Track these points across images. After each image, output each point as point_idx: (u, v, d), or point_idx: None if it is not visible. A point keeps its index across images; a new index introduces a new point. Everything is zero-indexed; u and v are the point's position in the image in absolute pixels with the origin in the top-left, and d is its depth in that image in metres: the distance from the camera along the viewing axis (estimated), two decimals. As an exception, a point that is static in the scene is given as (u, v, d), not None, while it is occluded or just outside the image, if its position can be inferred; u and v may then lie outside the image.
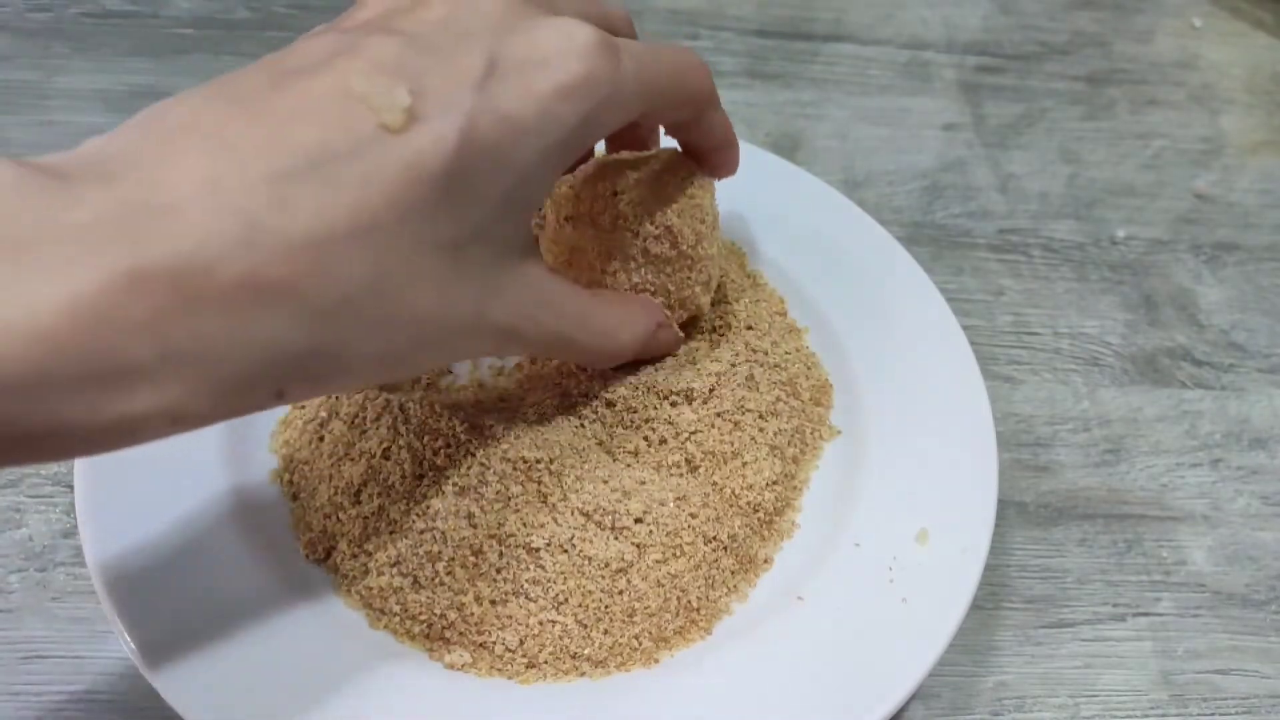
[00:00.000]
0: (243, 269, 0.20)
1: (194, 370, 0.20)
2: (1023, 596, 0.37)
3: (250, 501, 0.33)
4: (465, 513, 0.32)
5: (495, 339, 0.27)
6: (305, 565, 0.32)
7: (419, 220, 0.23)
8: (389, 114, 0.22)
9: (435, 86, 0.23)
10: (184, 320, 0.20)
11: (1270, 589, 0.38)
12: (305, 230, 0.21)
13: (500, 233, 0.26)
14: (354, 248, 0.22)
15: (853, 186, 0.51)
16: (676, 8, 0.60)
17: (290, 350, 0.22)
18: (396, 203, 0.22)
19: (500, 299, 0.27)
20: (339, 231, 0.21)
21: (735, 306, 0.39)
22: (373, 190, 0.22)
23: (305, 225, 0.21)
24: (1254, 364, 0.46)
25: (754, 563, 0.34)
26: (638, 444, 0.34)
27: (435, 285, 0.24)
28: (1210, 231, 0.52)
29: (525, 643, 0.30)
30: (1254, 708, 0.35)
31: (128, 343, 0.19)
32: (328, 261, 0.21)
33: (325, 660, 0.29)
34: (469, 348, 0.28)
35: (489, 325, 0.27)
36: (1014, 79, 0.59)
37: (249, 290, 0.20)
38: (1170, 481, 0.41)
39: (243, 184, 0.21)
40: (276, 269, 0.21)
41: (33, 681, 0.32)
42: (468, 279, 0.25)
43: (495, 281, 0.26)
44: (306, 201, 0.21)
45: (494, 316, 0.27)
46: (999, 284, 0.48)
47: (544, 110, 0.24)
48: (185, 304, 0.20)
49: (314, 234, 0.21)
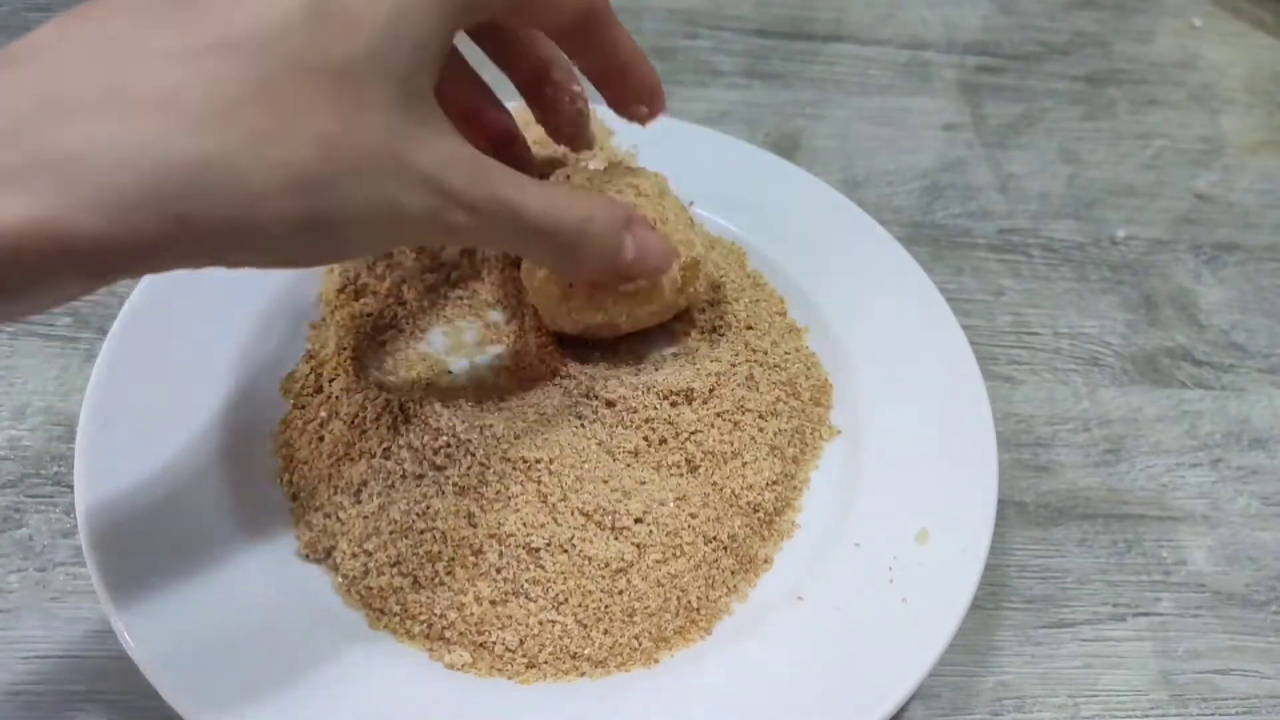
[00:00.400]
0: (107, 82, 0.21)
1: (67, 176, 0.20)
2: (1023, 596, 0.37)
3: (250, 501, 0.33)
4: (465, 513, 0.32)
5: (425, 192, 0.26)
6: (305, 565, 0.32)
7: (292, 40, 0.23)
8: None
9: None
10: (50, 129, 0.20)
11: (1270, 589, 0.38)
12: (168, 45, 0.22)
13: (395, 67, 0.25)
14: (222, 60, 0.22)
15: (853, 186, 0.51)
16: (675, 7, 0.60)
17: (179, 158, 0.21)
18: (262, 23, 0.23)
19: (416, 142, 0.26)
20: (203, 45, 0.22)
21: (735, 306, 0.39)
22: (236, 14, 0.22)
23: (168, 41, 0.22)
24: (1254, 364, 0.46)
25: (754, 563, 0.34)
26: (638, 444, 0.34)
27: (332, 106, 0.24)
28: (1210, 231, 0.52)
29: (525, 643, 0.30)
30: (1254, 708, 0.35)
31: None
32: (196, 72, 0.22)
33: (325, 660, 0.29)
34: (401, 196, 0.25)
35: (412, 171, 0.25)
36: (1014, 79, 0.59)
37: (115, 100, 0.21)
38: (1170, 481, 0.41)
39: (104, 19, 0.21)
40: (144, 79, 0.21)
41: (33, 681, 0.32)
42: (370, 109, 0.24)
43: (404, 121, 0.25)
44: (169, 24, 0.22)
45: (414, 161, 0.25)
46: (999, 284, 0.48)
47: None
48: (49, 115, 0.20)
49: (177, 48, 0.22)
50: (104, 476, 0.31)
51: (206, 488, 0.32)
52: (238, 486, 0.33)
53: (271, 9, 0.23)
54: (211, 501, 0.32)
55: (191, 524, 0.31)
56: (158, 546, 0.30)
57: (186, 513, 0.31)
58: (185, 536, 0.31)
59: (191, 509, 0.32)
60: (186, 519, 0.31)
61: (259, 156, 0.22)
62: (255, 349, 0.36)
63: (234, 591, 0.30)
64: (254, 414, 0.35)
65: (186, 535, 0.31)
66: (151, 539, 0.30)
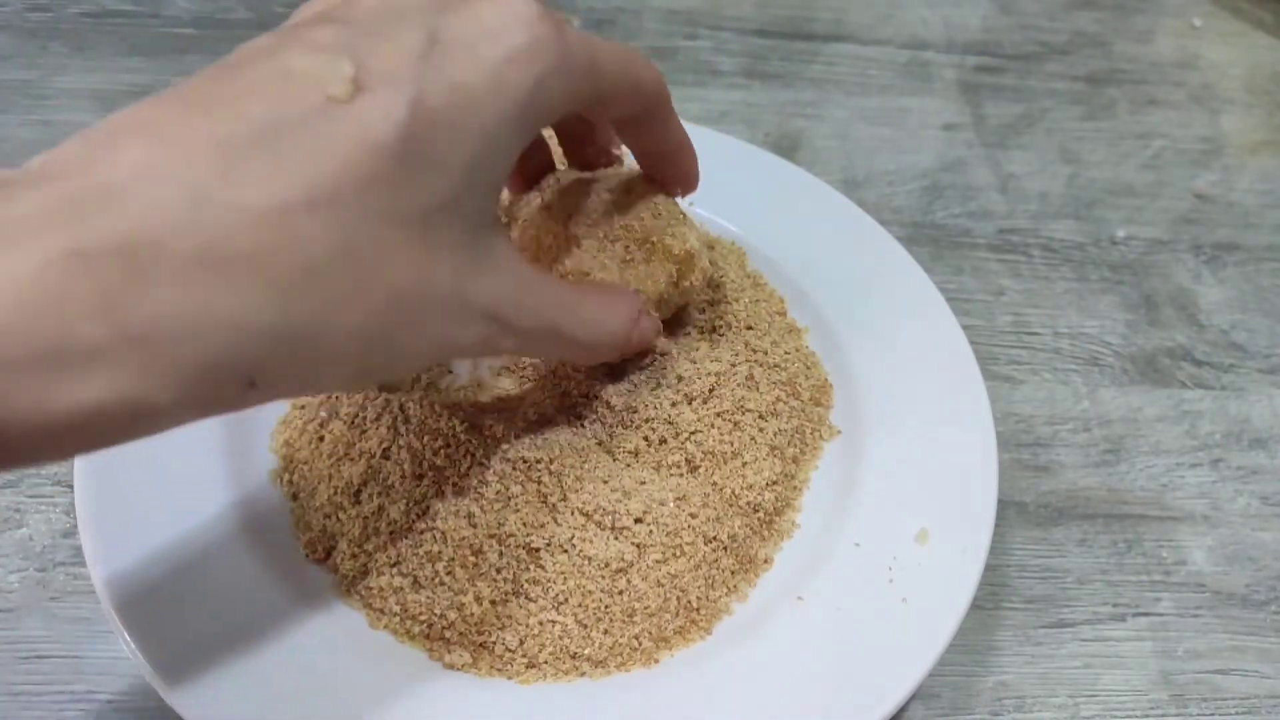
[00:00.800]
0: (196, 241, 0.20)
1: (152, 352, 0.19)
2: (1023, 596, 0.37)
3: (250, 501, 0.33)
4: (465, 513, 0.32)
5: (481, 324, 0.27)
6: (305, 565, 0.32)
7: (379, 191, 0.22)
8: (335, 85, 0.22)
9: (379, 62, 0.23)
10: (137, 298, 0.19)
11: (1270, 589, 0.38)
12: (258, 200, 0.20)
13: (469, 206, 0.25)
14: (313, 218, 0.21)
15: (853, 186, 0.51)
16: (675, 7, 0.60)
17: (256, 328, 0.21)
18: (352, 172, 0.22)
19: (479, 279, 0.26)
20: (294, 201, 0.21)
21: (735, 306, 0.39)
22: (326, 159, 0.21)
23: (258, 195, 0.20)
24: (1254, 364, 0.46)
25: (754, 563, 0.34)
26: (638, 444, 0.34)
27: (407, 257, 0.24)
28: (1210, 231, 0.52)
29: (525, 643, 0.30)
30: (1254, 708, 0.35)
31: (76, 323, 0.18)
32: (286, 232, 0.21)
33: (325, 660, 0.29)
34: (455, 335, 0.26)
35: (473, 307, 0.26)
36: (1014, 79, 0.59)
37: (204, 263, 0.20)
38: (1170, 481, 0.41)
39: (187, 160, 0.20)
40: (232, 240, 0.20)
41: (33, 681, 0.32)
42: (443, 255, 0.25)
43: (471, 258, 0.26)
44: (257, 172, 0.21)
45: (476, 297, 0.26)
46: (999, 284, 0.48)
47: (495, 75, 0.24)
48: (136, 281, 0.19)
49: (268, 204, 0.21)
50: (104, 477, 0.31)
51: (206, 487, 0.32)
52: (238, 486, 0.33)
53: (361, 157, 0.22)
54: (211, 501, 0.32)
55: (191, 524, 0.31)
56: (158, 546, 0.30)
57: (186, 513, 0.31)
58: (185, 536, 0.31)
59: (191, 509, 0.32)
60: (186, 519, 0.31)
61: (333, 321, 0.22)
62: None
63: (233, 591, 0.30)
64: (254, 414, 0.35)
65: (186, 535, 0.31)
66: (151, 539, 0.30)
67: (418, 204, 0.23)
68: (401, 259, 0.23)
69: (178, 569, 0.30)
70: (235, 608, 0.30)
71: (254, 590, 0.30)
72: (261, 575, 0.31)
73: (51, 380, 0.18)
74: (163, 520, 0.31)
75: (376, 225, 0.22)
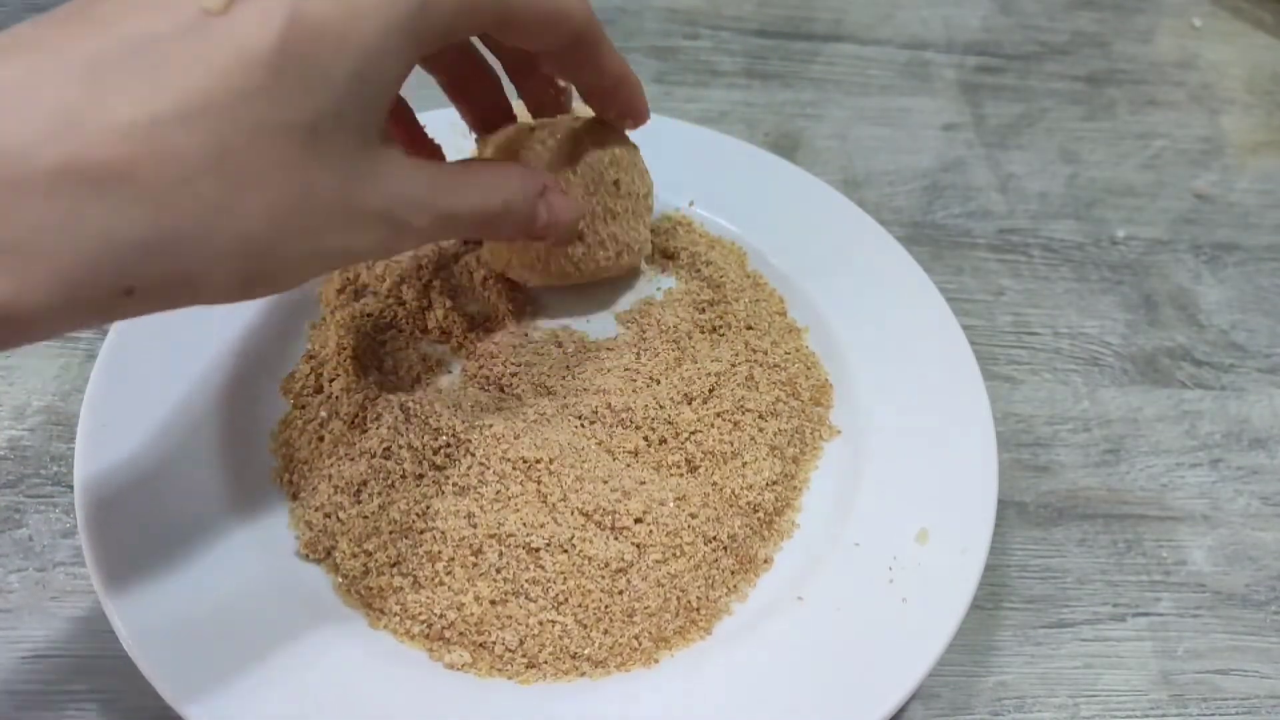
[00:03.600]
0: (62, 153, 0.20)
1: (22, 259, 0.20)
2: (1023, 596, 0.37)
3: (250, 502, 0.33)
4: (465, 513, 0.32)
5: (374, 227, 0.27)
6: (305, 565, 0.32)
7: (255, 102, 0.22)
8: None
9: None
10: (5, 208, 0.20)
11: (1270, 589, 0.38)
12: (130, 113, 0.21)
13: (355, 118, 0.25)
14: (187, 128, 0.21)
15: (853, 186, 0.51)
16: (675, 7, 0.60)
17: (129, 236, 0.21)
18: (225, 83, 0.22)
19: (369, 184, 0.26)
20: (164, 113, 0.21)
21: (735, 306, 0.39)
22: (200, 71, 0.22)
23: (129, 109, 0.21)
24: (1254, 364, 0.46)
25: (754, 563, 0.34)
26: (638, 444, 0.34)
27: (288, 168, 0.24)
28: (1210, 231, 0.52)
29: (525, 643, 0.30)
30: (1254, 708, 0.35)
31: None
32: (156, 143, 0.21)
33: (325, 660, 0.29)
34: (350, 240, 0.26)
35: (364, 212, 0.26)
36: (1014, 79, 0.59)
37: (72, 175, 0.20)
38: (1170, 481, 0.41)
39: (59, 76, 0.21)
40: (100, 152, 0.20)
41: (33, 681, 0.32)
42: (328, 164, 0.25)
43: (358, 168, 0.26)
44: (131, 86, 0.21)
45: (366, 202, 0.26)
46: (999, 284, 0.48)
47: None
48: (5, 193, 0.20)
49: (137, 117, 0.21)
50: (104, 476, 0.31)
51: (206, 487, 0.32)
52: (238, 486, 0.33)
53: (235, 68, 0.22)
54: (212, 501, 0.32)
55: (192, 524, 0.31)
56: (157, 546, 0.30)
57: (186, 513, 0.31)
58: (185, 536, 0.31)
59: (191, 509, 0.32)
60: (186, 519, 0.31)
61: (208, 230, 0.23)
62: (255, 349, 0.36)
63: (234, 592, 0.30)
64: (254, 414, 0.35)
65: (186, 535, 0.31)
66: (151, 539, 0.30)
67: (299, 116, 0.23)
68: (280, 169, 0.23)
69: (178, 568, 0.30)
70: (235, 607, 0.30)
71: (254, 590, 0.30)
72: (261, 575, 0.31)
73: None
74: (163, 520, 0.31)
75: (252, 136, 0.23)
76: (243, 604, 0.30)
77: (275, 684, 0.28)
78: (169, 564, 0.30)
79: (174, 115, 0.21)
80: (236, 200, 0.23)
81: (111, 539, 0.30)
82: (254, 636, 0.29)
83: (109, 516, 0.31)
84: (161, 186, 0.21)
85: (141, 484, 0.32)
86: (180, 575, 0.30)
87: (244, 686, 0.28)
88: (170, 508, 0.31)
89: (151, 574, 0.30)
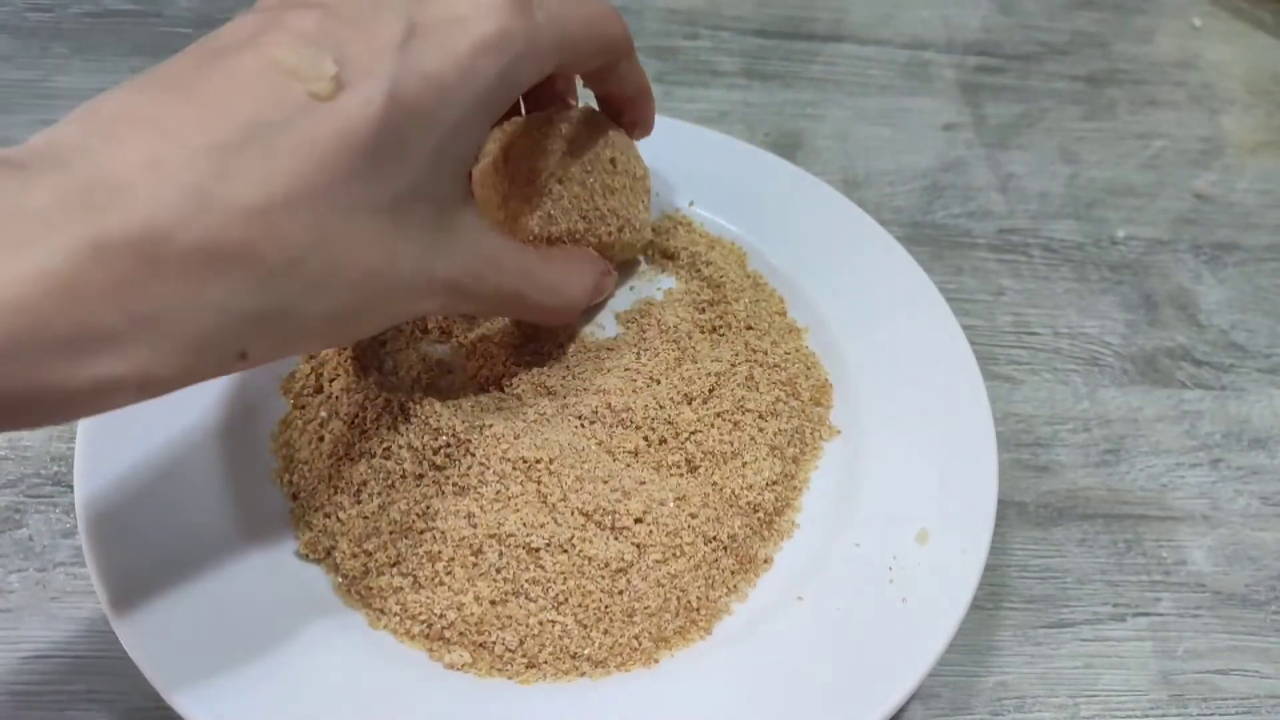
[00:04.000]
0: (198, 235, 0.22)
1: (158, 334, 0.22)
2: (1023, 596, 0.37)
3: (250, 501, 0.33)
4: (465, 513, 0.32)
5: (443, 296, 0.29)
6: (305, 565, 0.32)
7: (354, 182, 0.24)
8: (317, 83, 0.23)
9: (358, 54, 0.24)
10: (146, 286, 0.21)
11: (1270, 589, 0.38)
12: (250, 197, 0.22)
13: (436, 190, 0.27)
14: (296, 212, 0.23)
15: (853, 186, 0.51)
16: (675, 7, 0.60)
17: (246, 311, 0.23)
18: (331, 167, 0.23)
19: (444, 255, 0.28)
20: (280, 197, 0.23)
21: (735, 306, 0.39)
22: (307, 157, 0.23)
23: (250, 193, 0.22)
24: (1254, 364, 0.46)
25: (754, 563, 0.34)
26: (637, 444, 0.34)
27: (377, 243, 0.25)
28: (1210, 231, 0.52)
29: (525, 643, 0.30)
30: (1254, 708, 0.35)
31: (96, 310, 0.21)
32: (274, 226, 0.23)
33: (325, 660, 0.29)
34: (419, 306, 0.28)
35: (436, 282, 0.28)
36: (1014, 79, 0.59)
37: (204, 255, 0.22)
38: (1170, 481, 0.41)
39: (186, 159, 0.22)
40: (228, 234, 0.22)
41: (33, 681, 0.32)
42: (409, 236, 0.26)
43: (437, 238, 0.27)
44: (248, 171, 0.22)
45: (440, 272, 0.28)
46: (999, 284, 0.48)
47: (464, 67, 0.25)
48: (147, 271, 0.21)
49: (258, 200, 0.22)
50: (104, 476, 0.31)
51: (206, 488, 0.32)
52: (237, 486, 0.33)
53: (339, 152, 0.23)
54: (211, 501, 0.32)
55: (191, 524, 0.31)
56: (157, 547, 0.30)
57: (186, 513, 0.32)
58: (185, 536, 0.31)
59: (191, 509, 0.32)
60: (186, 519, 0.31)
61: (311, 305, 0.25)
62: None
63: (234, 592, 0.30)
64: (254, 414, 0.35)
65: (186, 535, 0.31)
66: (151, 539, 0.30)
67: (387, 192, 0.25)
68: (370, 244, 0.25)
69: (178, 569, 0.30)
70: (235, 608, 0.30)
71: (254, 590, 0.30)
72: (261, 575, 0.31)
73: (74, 359, 0.21)
74: (163, 520, 0.31)
75: (348, 216, 0.24)
76: (243, 604, 0.30)
77: (275, 684, 0.28)
78: (169, 564, 0.30)
79: (284, 201, 0.23)
80: (333, 277, 0.25)
81: (111, 540, 0.30)
82: (254, 636, 0.29)
83: (109, 517, 0.31)
84: (274, 267, 0.23)
85: (142, 485, 0.32)
86: (180, 575, 0.30)
87: (244, 687, 0.28)
88: (170, 508, 0.31)
89: (151, 574, 0.30)
